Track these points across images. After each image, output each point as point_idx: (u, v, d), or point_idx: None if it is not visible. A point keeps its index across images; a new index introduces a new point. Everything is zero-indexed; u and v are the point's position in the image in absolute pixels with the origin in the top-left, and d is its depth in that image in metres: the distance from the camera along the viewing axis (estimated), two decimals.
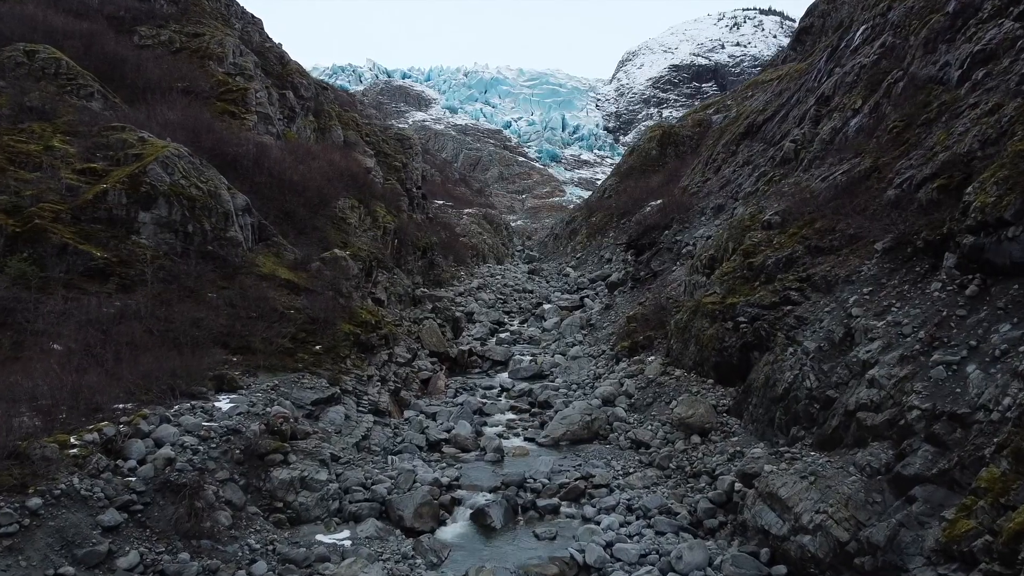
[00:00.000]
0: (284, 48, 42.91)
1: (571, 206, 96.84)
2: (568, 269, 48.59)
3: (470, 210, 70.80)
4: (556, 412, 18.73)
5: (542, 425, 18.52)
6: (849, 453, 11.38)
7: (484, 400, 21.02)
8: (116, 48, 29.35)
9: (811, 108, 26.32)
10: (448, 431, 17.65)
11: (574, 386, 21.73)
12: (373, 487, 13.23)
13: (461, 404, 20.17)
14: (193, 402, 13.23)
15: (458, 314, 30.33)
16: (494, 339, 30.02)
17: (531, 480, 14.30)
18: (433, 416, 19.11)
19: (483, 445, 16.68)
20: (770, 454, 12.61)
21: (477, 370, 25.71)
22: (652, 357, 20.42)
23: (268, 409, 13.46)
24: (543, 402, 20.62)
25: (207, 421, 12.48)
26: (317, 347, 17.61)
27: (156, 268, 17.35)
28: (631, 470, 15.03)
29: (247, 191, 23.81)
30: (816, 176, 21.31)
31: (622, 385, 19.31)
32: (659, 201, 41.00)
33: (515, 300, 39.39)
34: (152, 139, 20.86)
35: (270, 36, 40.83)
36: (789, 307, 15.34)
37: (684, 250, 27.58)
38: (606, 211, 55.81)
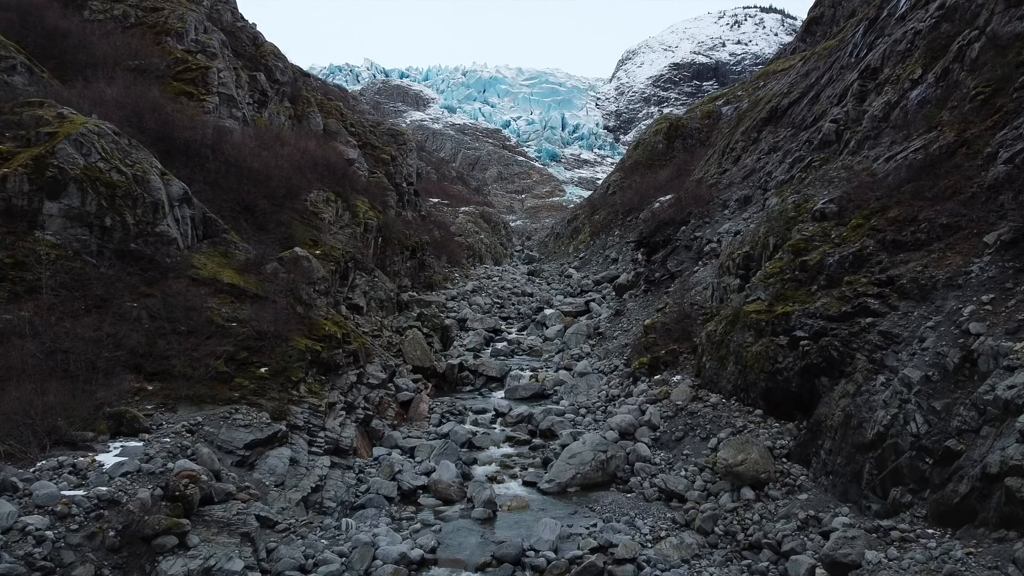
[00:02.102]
0: (271, 35, 39.38)
1: (571, 206, 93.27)
2: (571, 270, 45.09)
3: (467, 208, 67.28)
4: (562, 446, 15.14)
5: (545, 463, 14.93)
6: (995, 537, 7.79)
7: (475, 429, 17.42)
8: (58, 22, 25.80)
9: (854, 84, 22.75)
10: (427, 474, 14.05)
11: (583, 410, 18.14)
12: (314, 572, 9.63)
13: (446, 435, 16.58)
14: (66, 456, 9.62)
15: (448, 322, 26.75)
16: (489, 350, 26.48)
17: (532, 552, 10.69)
18: (411, 452, 15.52)
19: (471, 494, 13.09)
20: (868, 531, 9.00)
21: (468, 388, 22.12)
22: (678, 376, 16.84)
23: (170, 464, 9.84)
24: (546, 431, 17.05)
25: (75, 488, 8.87)
26: (262, 369, 14.00)
27: (58, 271, 13.75)
28: (663, 533, 11.42)
29: (199, 180, 20.36)
30: (874, 157, 17.75)
31: (643, 412, 15.72)
32: (668, 196, 37.50)
33: (513, 304, 35.85)
34: (73, 116, 17.24)
35: (243, 16, 37.25)
36: (869, 319, 11.75)
37: (706, 248, 24.01)
38: (610, 208, 52.35)
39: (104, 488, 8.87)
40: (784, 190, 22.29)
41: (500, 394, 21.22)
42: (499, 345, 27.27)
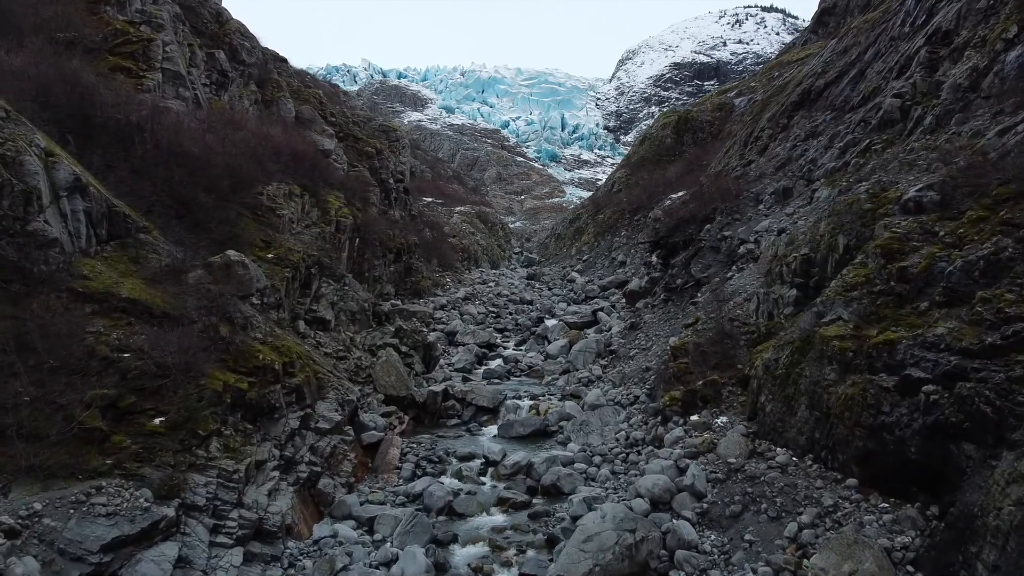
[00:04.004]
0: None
1: (571, 207, 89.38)
2: (573, 274, 41.18)
3: (462, 208, 63.36)
4: (573, 518, 11.22)
5: (550, 543, 11.01)
6: None
7: (457, 486, 13.45)
8: None
9: (920, 52, 18.87)
10: (387, 564, 10.12)
11: (596, 458, 14.20)
12: None
13: (419, 496, 12.66)
14: None
15: (432, 337, 22.85)
16: (481, 370, 22.57)
17: None
18: (369, 526, 11.57)
19: None
20: None
21: (454, 420, 18.16)
22: (724, 418, 12.90)
23: None
24: (550, 487, 13.15)
25: None
26: (156, 421, 10.07)
27: None
28: None
29: (122, 167, 16.58)
30: (971, 131, 13.86)
31: (682, 471, 11.76)
32: (682, 192, 33.73)
33: (510, 314, 31.91)
34: None
35: None
36: None
37: (740, 249, 20.09)
38: (616, 207, 48.50)
39: None
40: (838, 179, 18.38)
41: (492, 429, 17.28)
42: (493, 364, 23.35)
